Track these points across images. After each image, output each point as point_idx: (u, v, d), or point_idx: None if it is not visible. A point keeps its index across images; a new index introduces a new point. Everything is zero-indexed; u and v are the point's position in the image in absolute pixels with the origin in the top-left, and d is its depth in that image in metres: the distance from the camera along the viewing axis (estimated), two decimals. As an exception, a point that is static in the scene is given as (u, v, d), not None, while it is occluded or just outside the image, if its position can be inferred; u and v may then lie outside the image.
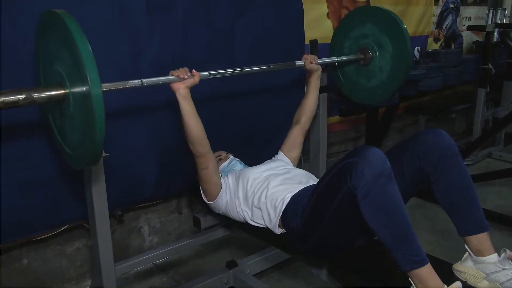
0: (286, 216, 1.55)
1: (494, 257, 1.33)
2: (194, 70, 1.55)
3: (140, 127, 1.90)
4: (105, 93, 1.12)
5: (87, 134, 1.15)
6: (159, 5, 1.84)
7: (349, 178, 1.23)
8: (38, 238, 1.95)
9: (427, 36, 3.78)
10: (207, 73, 1.61)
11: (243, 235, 1.97)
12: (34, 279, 2.02)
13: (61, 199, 1.78)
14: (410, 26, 3.46)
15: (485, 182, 3.07)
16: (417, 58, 3.56)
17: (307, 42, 2.36)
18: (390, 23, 2.06)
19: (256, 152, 2.29)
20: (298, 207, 1.51)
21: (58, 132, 1.37)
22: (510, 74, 3.69)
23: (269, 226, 1.63)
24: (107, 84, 1.31)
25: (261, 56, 2.17)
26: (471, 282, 1.33)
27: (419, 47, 3.68)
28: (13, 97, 1.13)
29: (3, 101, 1.12)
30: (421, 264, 1.22)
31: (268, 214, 1.61)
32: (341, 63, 2.22)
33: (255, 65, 1.86)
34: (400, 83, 2.11)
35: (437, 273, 1.23)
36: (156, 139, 1.96)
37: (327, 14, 2.87)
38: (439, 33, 3.94)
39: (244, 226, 1.76)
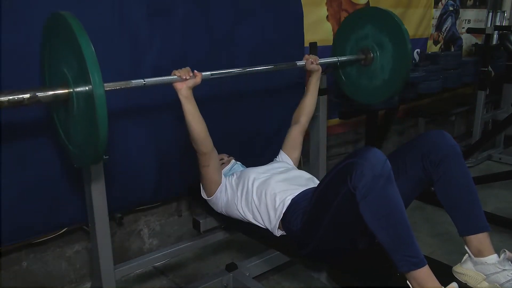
0: (287, 219, 1.55)
1: (494, 257, 1.33)
2: (196, 71, 1.55)
3: (140, 129, 1.90)
4: (107, 93, 1.13)
5: (91, 133, 1.17)
6: (159, 10, 1.84)
7: (349, 178, 1.22)
8: (38, 240, 1.95)
9: (426, 39, 3.78)
10: (209, 73, 1.61)
11: (243, 237, 1.97)
12: (33, 281, 2.01)
13: (61, 201, 1.78)
14: (410, 29, 3.46)
15: (484, 184, 3.07)
16: (417, 61, 3.56)
17: (306, 44, 2.37)
18: (389, 23, 2.07)
19: (256, 154, 2.29)
20: (299, 210, 1.51)
21: (63, 131, 1.39)
22: (510, 76, 3.69)
23: (269, 227, 1.63)
24: (110, 84, 1.32)
25: (261, 59, 2.17)
26: (471, 284, 1.33)
27: (418, 50, 3.69)
28: (18, 96, 1.15)
29: (8, 100, 1.14)
30: (419, 265, 1.22)
31: (268, 215, 1.61)
32: (342, 63, 2.23)
33: (257, 65, 1.85)
34: (401, 82, 2.11)
35: (437, 275, 1.23)
36: (156, 142, 1.96)
37: (327, 16, 2.88)
38: (439, 36, 3.94)
39: (244, 228, 1.76)
